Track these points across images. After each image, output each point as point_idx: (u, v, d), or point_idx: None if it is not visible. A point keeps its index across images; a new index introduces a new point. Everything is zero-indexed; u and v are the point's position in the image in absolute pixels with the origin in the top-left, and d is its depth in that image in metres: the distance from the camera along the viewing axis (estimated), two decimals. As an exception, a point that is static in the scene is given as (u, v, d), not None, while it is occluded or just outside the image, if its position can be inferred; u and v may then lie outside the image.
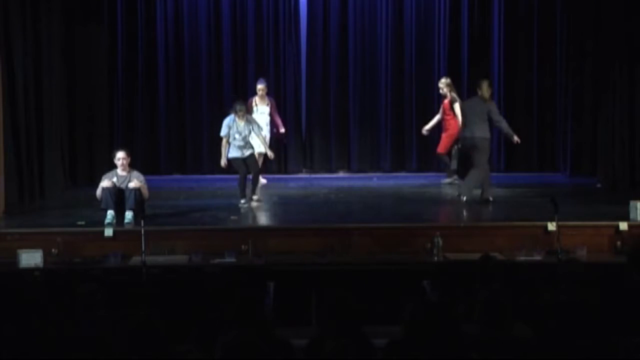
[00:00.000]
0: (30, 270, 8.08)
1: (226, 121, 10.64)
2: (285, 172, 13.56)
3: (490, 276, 6.17)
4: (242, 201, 10.52)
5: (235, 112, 10.54)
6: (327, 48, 14.21)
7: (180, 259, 8.57)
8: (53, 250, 8.55)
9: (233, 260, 8.43)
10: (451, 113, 12.16)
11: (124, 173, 9.64)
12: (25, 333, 4.74)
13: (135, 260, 8.32)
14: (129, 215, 9.31)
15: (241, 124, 10.56)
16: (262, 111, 11.97)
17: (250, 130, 10.67)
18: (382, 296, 7.80)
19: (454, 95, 12.20)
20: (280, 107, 14.18)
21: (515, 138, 10.96)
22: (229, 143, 10.63)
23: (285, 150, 14.14)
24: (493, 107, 10.92)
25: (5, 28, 10.63)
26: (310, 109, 14.35)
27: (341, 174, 14.27)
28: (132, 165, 9.91)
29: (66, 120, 12.62)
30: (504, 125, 10.93)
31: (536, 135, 11.89)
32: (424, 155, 13.98)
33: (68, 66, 12.70)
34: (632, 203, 9.09)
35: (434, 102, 14.25)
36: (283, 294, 7.45)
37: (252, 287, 6.84)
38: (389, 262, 8.49)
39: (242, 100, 11.08)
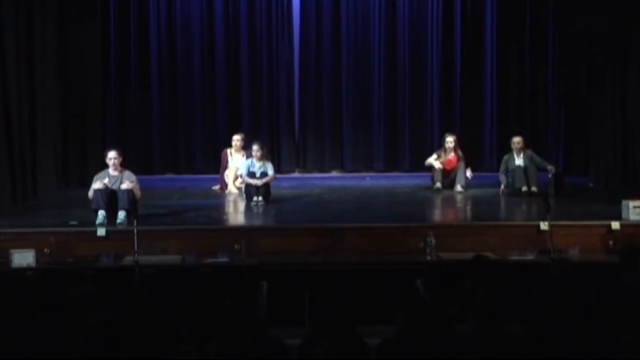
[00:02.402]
0: (22, 270, 8.01)
1: (246, 164, 11.01)
2: (279, 172, 13.57)
3: (483, 275, 6.16)
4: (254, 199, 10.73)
5: (252, 154, 11.04)
6: (319, 48, 14.28)
7: (173, 258, 8.53)
8: (46, 250, 8.49)
9: (226, 260, 8.37)
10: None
11: (116, 173, 9.65)
12: (17, 333, 4.73)
13: (128, 260, 8.28)
14: (121, 215, 9.29)
15: (258, 164, 10.90)
16: (237, 161, 11.81)
17: (265, 170, 10.90)
18: (375, 295, 7.76)
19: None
20: (273, 105, 14.25)
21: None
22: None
23: (279, 150, 14.20)
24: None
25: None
26: (304, 109, 14.42)
27: (334, 174, 14.36)
28: (125, 165, 9.92)
29: (59, 120, 12.66)
30: None
31: (529, 136, 11.97)
32: (416, 155, 13.99)
33: (61, 66, 12.71)
34: (624, 202, 9.09)
35: (426, 102, 14.35)
36: (276, 293, 7.42)
37: (245, 286, 6.85)
38: (382, 262, 8.48)
39: (259, 142, 11.26)
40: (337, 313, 4.69)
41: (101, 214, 9.22)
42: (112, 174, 9.63)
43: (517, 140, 11.65)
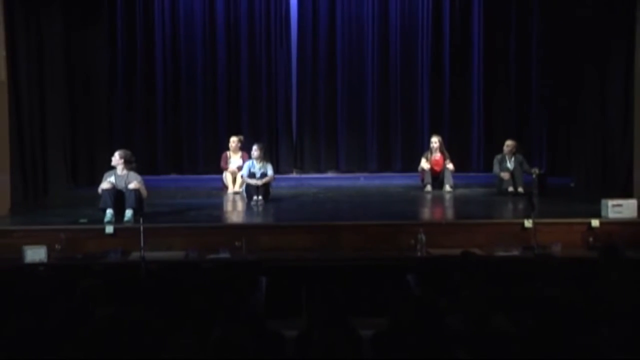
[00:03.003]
0: (35, 265, 8.13)
1: (247, 165, 11.16)
2: (277, 173, 13.71)
3: (470, 270, 6.30)
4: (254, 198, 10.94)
5: (251, 155, 11.19)
6: (316, 53, 14.39)
7: (177, 254, 8.64)
8: (57, 246, 8.59)
9: (227, 256, 8.49)
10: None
11: (121, 173, 9.79)
12: (29, 324, 4.84)
13: (135, 256, 8.43)
14: (128, 213, 9.43)
15: (258, 165, 11.07)
16: (235, 161, 12.08)
17: (265, 171, 11.09)
18: (369, 290, 7.83)
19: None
20: (271, 109, 14.52)
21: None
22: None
23: (277, 151, 14.31)
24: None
25: (11, 33, 10.76)
26: (301, 112, 14.51)
27: (330, 174, 14.47)
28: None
29: (68, 122, 12.75)
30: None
31: (513, 137, 12.25)
32: (408, 156, 14.19)
33: (69, 70, 12.81)
34: (603, 201, 9.24)
35: (416, 106, 14.41)
36: (275, 288, 7.49)
37: (245, 281, 7.06)
38: (375, 258, 8.55)
39: (260, 143, 11.43)
40: (333, 306, 4.90)
41: (109, 212, 9.35)
42: (119, 174, 9.75)
43: (509, 143, 11.91)
